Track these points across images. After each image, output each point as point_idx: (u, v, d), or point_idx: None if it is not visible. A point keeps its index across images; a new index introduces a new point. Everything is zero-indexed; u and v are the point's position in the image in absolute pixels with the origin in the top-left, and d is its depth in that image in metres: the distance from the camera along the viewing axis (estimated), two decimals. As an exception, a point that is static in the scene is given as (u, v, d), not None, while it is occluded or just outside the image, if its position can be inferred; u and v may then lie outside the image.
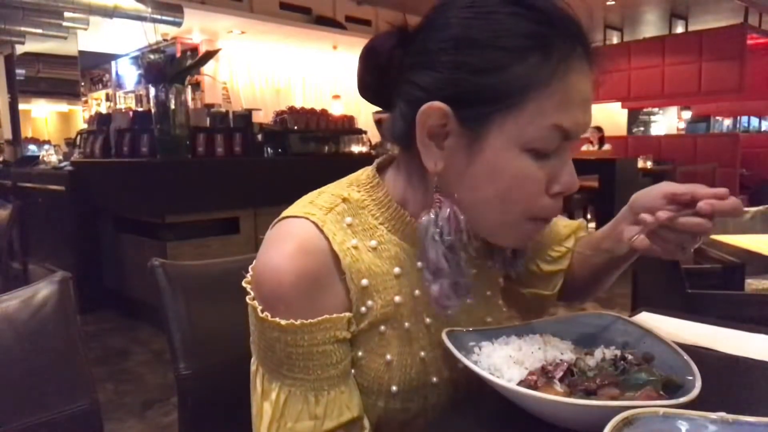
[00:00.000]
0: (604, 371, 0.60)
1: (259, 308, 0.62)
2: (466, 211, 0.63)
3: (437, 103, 0.59)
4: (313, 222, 0.63)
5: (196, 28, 6.86)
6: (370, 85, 0.67)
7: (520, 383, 0.59)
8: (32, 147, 7.21)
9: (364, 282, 0.64)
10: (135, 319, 3.63)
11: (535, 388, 0.57)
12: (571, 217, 6.54)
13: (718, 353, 0.76)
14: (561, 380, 0.59)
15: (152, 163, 3.35)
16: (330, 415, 0.62)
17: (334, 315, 0.62)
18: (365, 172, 0.70)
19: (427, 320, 0.69)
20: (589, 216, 6.35)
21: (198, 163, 3.48)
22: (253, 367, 0.66)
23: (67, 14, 5.90)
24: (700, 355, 0.64)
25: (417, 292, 0.68)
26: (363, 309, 0.65)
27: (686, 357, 0.61)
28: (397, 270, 0.67)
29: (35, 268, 4.33)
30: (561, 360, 0.63)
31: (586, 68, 0.61)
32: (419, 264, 0.66)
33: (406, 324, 0.67)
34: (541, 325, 0.74)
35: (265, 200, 3.46)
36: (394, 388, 0.66)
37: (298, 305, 0.61)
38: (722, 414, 0.48)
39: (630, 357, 0.63)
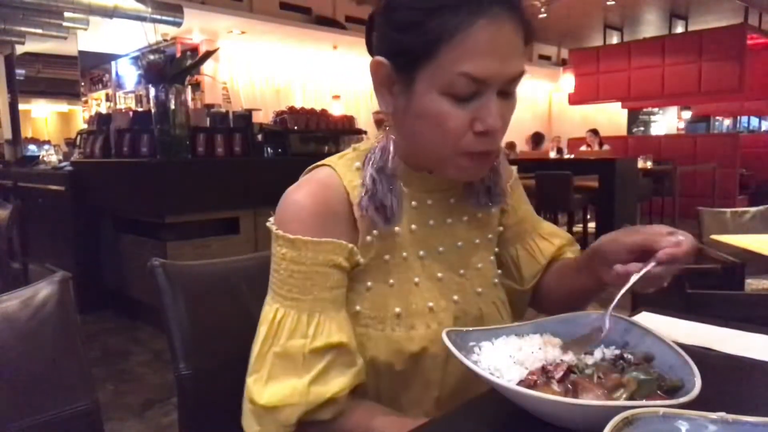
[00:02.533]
0: (604, 368, 0.60)
1: (275, 227, 0.73)
2: (410, 147, 0.75)
3: (378, 58, 0.72)
4: (329, 165, 0.77)
5: (196, 28, 6.87)
6: (371, 46, 0.79)
7: (520, 383, 0.59)
8: (32, 147, 7.21)
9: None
10: (135, 319, 3.63)
11: (535, 388, 0.57)
12: (572, 216, 6.53)
13: (718, 353, 0.76)
14: (561, 380, 0.59)
15: (152, 163, 3.35)
16: (319, 335, 0.69)
17: (337, 240, 0.72)
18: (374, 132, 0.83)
19: (421, 253, 0.79)
20: (589, 216, 6.36)
21: (198, 163, 3.48)
22: (266, 299, 0.74)
23: (67, 14, 5.90)
24: (700, 355, 0.64)
25: (413, 226, 0.79)
26: (369, 238, 0.75)
27: (686, 357, 0.61)
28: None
29: (35, 268, 4.33)
30: (561, 360, 0.63)
31: (504, 23, 0.67)
32: (413, 203, 0.78)
33: (404, 254, 0.78)
34: (542, 325, 0.74)
35: (265, 200, 3.42)
36: (397, 309, 0.76)
37: (311, 225, 0.71)
38: (722, 414, 0.48)
39: (629, 357, 0.63)
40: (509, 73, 0.68)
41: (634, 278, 0.67)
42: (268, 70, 8.17)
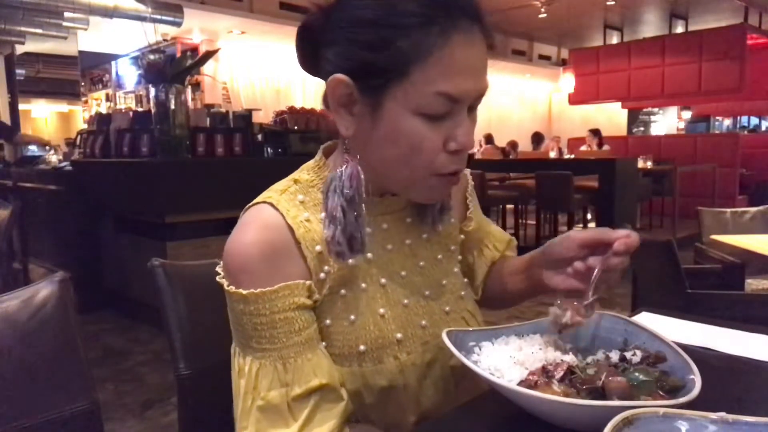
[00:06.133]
0: (605, 368, 0.60)
1: (226, 283, 0.68)
2: (377, 171, 0.70)
3: (339, 76, 0.66)
4: (269, 203, 0.71)
5: (196, 28, 6.87)
6: (306, 59, 0.74)
7: (520, 383, 0.59)
8: (32, 147, 7.20)
9: (318, 248, 0.70)
10: (135, 319, 3.63)
11: (535, 388, 0.57)
12: (571, 216, 6.53)
13: (718, 353, 0.76)
14: (561, 380, 0.59)
15: (152, 163, 3.35)
16: (298, 381, 0.66)
17: (291, 282, 0.67)
18: (314, 158, 0.78)
19: (383, 281, 0.75)
20: (589, 216, 6.35)
21: (198, 163, 3.48)
22: (232, 350, 0.71)
23: (67, 14, 5.90)
24: (700, 355, 0.64)
25: (370, 255, 0.73)
26: (322, 275, 0.70)
27: (686, 357, 0.61)
28: None
29: (35, 268, 4.33)
30: (561, 360, 0.63)
31: (475, 39, 0.65)
32: (368, 230, 0.72)
33: (363, 285, 0.73)
34: (542, 325, 0.74)
35: (265, 200, 3.44)
36: (362, 347, 0.71)
37: (260, 274, 0.66)
38: (722, 414, 0.48)
39: (629, 357, 0.63)
40: (482, 90, 0.67)
41: (597, 271, 0.68)
42: (268, 70, 8.17)
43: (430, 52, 0.63)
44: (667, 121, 12.56)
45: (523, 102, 12.48)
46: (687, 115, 12.05)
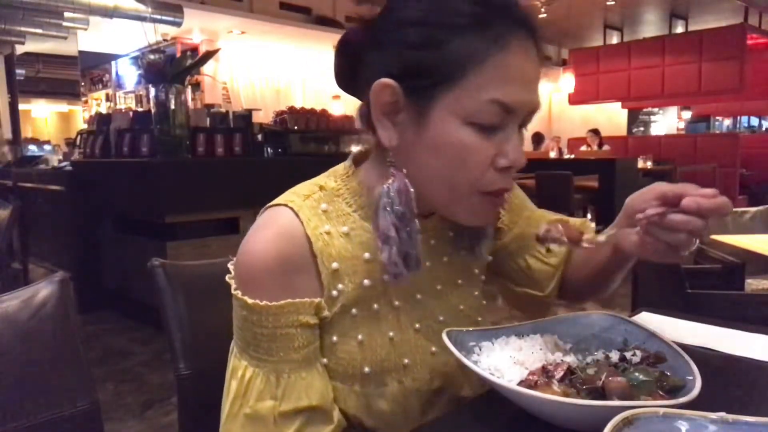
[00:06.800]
0: (605, 368, 0.60)
1: (234, 286, 0.66)
2: (419, 186, 0.65)
3: (385, 80, 0.62)
4: (291, 208, 0.67)
5: (196, 28, 6.86)
6: (344, 75, 0.71)
7: (520, 383, 0.59)
8: (32, 147, 7.21)
9: (335, 265, 0.67)
10: (135, 319, 3.63)
11: (535, 388, 0.57)
12: (571, 216, 6.61)
13: (718, 353, 0.76)
14: (561, 380, 0.59)
15: (152, 163, 3.35)
16: (288, 397, 0.64)
17: (298, 300, 0.64)
18: (343, 164, 0.74)
19: (396, 303, 0.71)
20: (589, 216, 6.36)
21: (198, 163, 3.48)
22: (231, 346, 0.69)
23: (67, 14, 5.90)
24: (700, 355, 0.64)
25: (386, 276, 0.69)
26: (335, 292, 0.67)
27: (686, 357, 0.61)
28: (366, 255, 0.69)
29: (35, 268, 4.34)
30: (561, 360, 0.63)
31: (530, 51, 0.63)
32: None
33: (375, 306, 0.70)
34: (542, 325, 0.74)
35: (265, 200, 3.40)
36: (366, 369, 0.68)
37: (270, 285, 0.64)
38: (722, 414, 0.48)
39: (629, 357, 0.63)
40: (535, 105, 0.64)
41: (650, 212, 0.60)
42: (268, 70, 8.17)
43: (485, 57, 0.60)
44: (667, 121, 12.56)
45: (523, 102, 12.41)
46: (687, 115, 12.04)
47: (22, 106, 7.67)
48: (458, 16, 0.61)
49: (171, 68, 3.32)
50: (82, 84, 9.03)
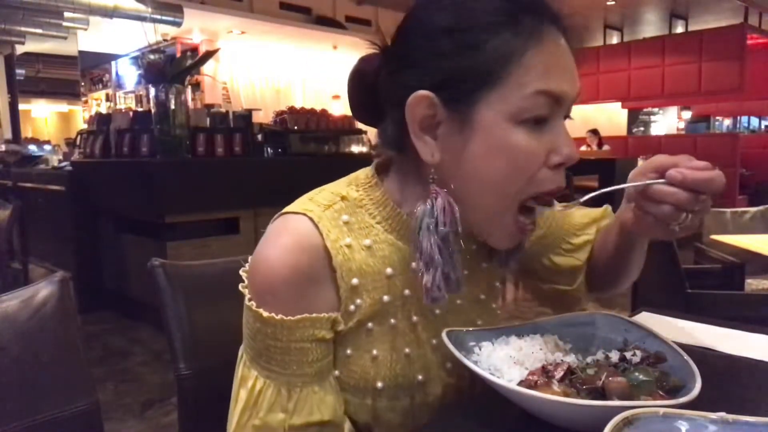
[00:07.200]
0: (605, 368, 0.60)
1: (248, 297, 0.64)
2: (461, 202, 0.63)
3: (421, 92, 0.60)
4: (310, 218, 0.64)
5: (196, 28, 6.86)
6: (362, 106, 0.70)
7: (520, 383, 0.59)
8: (32, 147, 7.21)
9: (354, 281, 0.65)
10: (135, 319, 3.63)
11: (535, 388, 0.57)
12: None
13: (718, 353, 0.76)
14: (561, 380, 0.59)
15: (152, 163, 3.35)
16: (299, 411, 0.63)
17: (314, 315, 0.63)
18: (364, 172, 0.71)
19: (414, 318, 0.70)
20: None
21: (198, 163, 3.48)
22: (240, 352, 0.68)
23: (67, 14, 5.90)
24: (700, 355, 0.64)
25: (407, 291, 0.68)
26: (352, 307, 0.66)
27: (686, 357, 0.61)
28: (389, 270, 0.67)
29: (35, 268, 4.34)
30: (561, 360, 0.63)
31: (562, 42, 0.62)
32: (413, 265, 0.66)
33: (392, 320, 0.68)
34: (542, 325, 0.74)
35: (265, 200, 3.45)
36: (379, 384, 0.67)
37: (286, 299, 0.62)
38: (722, 414, 0.48)
39: (629, 357, 0.63)
40: (578, 90, 0.62)
41: (637, 183, 0.60)
42: (268, 70, 8.16)
43: (523, 51, 0.59)
44: (667, 121, 12.55)
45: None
46: (687, 115, 12.04)
47: (22, 106, 7.67)
48: (490, 15, 0.60)
49: (171, 68, 3.32)
50: (82, 84, 9.02)
